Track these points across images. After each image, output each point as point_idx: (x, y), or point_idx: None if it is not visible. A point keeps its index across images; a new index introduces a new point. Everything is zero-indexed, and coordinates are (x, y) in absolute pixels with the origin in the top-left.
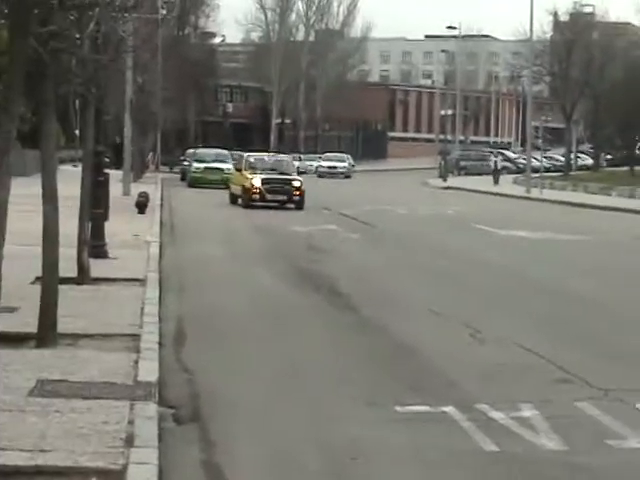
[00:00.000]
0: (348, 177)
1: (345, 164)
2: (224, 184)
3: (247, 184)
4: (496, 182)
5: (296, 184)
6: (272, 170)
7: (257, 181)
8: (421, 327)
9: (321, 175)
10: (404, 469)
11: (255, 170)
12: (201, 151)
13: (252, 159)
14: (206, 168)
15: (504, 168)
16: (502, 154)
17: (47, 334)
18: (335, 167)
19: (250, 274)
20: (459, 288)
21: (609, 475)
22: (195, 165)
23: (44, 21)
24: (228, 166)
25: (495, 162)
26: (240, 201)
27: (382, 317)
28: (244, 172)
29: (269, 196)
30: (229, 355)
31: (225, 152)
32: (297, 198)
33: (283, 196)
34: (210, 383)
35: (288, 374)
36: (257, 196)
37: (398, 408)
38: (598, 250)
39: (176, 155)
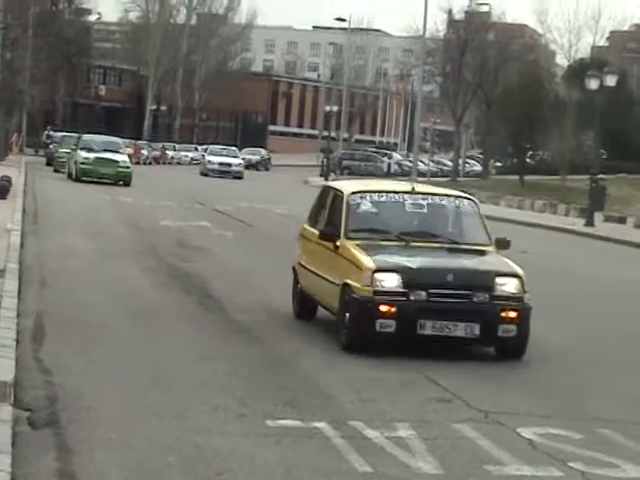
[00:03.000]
0: (240, 178)
1: (239, 160)
2: (118, 179)
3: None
4: (326, 178)
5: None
6: (104, 150)
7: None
8: (297, 335)
9: (206, 173)
10: None
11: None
12: (88, 137)
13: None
14: (97, 159)
15: (405, 174)
16: (387, 155)
17: None
18: (229, 164)
19: (117, 270)
20: None
21: None
22: (83, 155)
23: None
24: (123, 158)
25: (388, 164)
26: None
27: (256, 323)
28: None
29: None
30: (91, 356)
31: (117, 140)
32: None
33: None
34: (69, 385)
35: (154, 380)
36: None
37: (269, 422)
38: None
39: (42, 138)
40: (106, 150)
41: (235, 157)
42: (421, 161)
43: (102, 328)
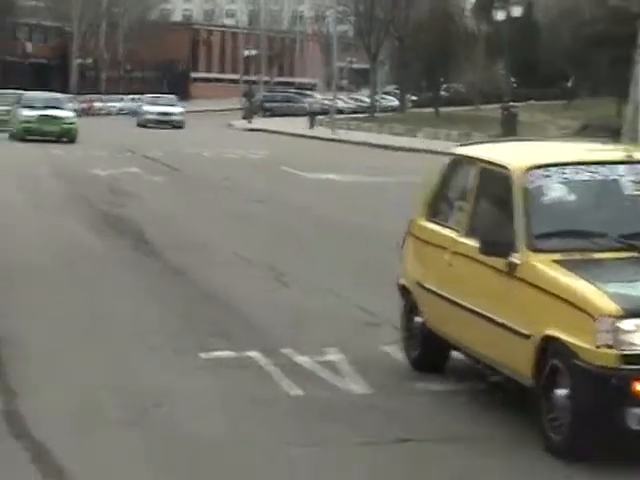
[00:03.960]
0: (180, 127)
1: (180, 109)
2: (63, 136)
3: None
4: (311, 125)
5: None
6: (47, 107)
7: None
8: (227, 273)
9: (144, 124)
10: (210, 416)
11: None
12: (29, 95)
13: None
14: (41, 116)
15: (325, 112)
16: (306, 95)
17: None
18: (169, 114)
19: (53, 219)
20: (266, 233)
21: (413, 416)
22: (24, 113)
23: None
24: (68, 114)
25: (310, 103)
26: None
27: (188, 263)
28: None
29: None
30: (30, 301)
31: (59, 96)
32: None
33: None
34: (11, 331)
35: (90, 323)
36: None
37: (203, 355)
38: (404, 192)
39: None
40: (48, 107)
41: (174, 105)
42: (340, 99)
43: (40, 275)
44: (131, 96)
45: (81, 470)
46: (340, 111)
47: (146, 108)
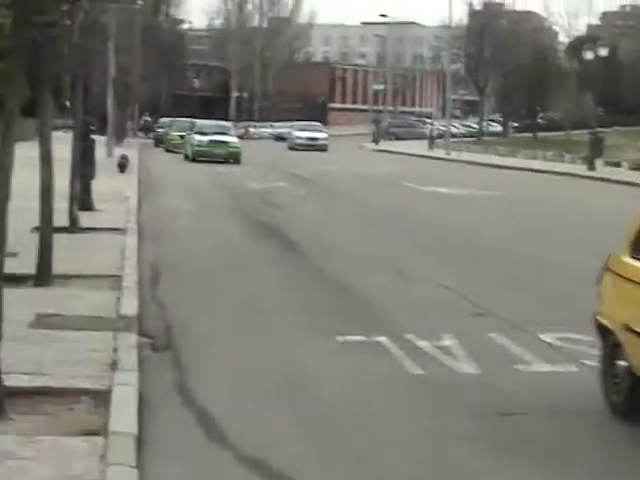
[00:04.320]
0: (324, 150)
1: (324, 135)
2: (230, 158)
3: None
4: (431, 147)
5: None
6: (216, 133)
7: (204, 141)
8: (359, 270)
9: (293, 147)
10: (345, 389)
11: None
12: (201, 122)
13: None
14: (210, 141)
15: (440, 136)
16: (426, 122)
17: (43, 275)
18: (316, 139)
19: (215, 225)
20: (390, 236)
21: (516, 394)
22: (198, 138)
23: (41, 12)
24: (233, 139)
25: (431, 129)
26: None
27: (327, 262)
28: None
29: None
30: (197, 293)
31: (227, 124)
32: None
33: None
34: (181, 317)
35: (247, 310)
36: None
37: (339, 338)
38: (507, 203)
39: (141, 123)
40: (217, 133)
41: (320, 131)
42: (453, 125)
43: (205, 271)
44: (279, 123)
45: (239, 432)
46: (453, 135)
47: (296, 134)
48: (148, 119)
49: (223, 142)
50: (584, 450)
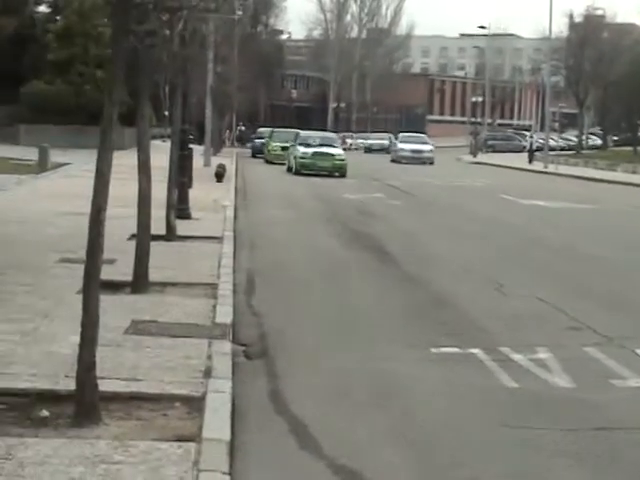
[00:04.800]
0: (431, 163)
1: (430, 147)
2: (335, 171)
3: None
4: (530, 160)
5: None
6: (321, 145)
7: (308, 153)
8: (454, 281)
9: (398, 160)
10: (438, 400)
11: (307, 145)
12: (305, 134)
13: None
14: (315, 153)
15: (539, 149)
16: (524, 135)
17: (140, 282)
18: (421, 151)
19: (310, 234)
20: (486, 248)
21: (612, 409)
22: (302, 150)
23: (140, 21)
24: (339, 151)
25: (531, 142)
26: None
27: (421, 272)
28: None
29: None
30: (292, 302)
31: (332, 135)
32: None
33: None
34: (276, 325)
35: (341, 319)
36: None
37: (433, 350)
38: (605, 217)
39: (248, 133)
40: (322, 145)
41: (425, 143)
42: (552, 138)
43: (300, 280)
44: (373, 134)
45: (332, 443)
46: (552, 149)
47: (400, 146)
48: (243, 129)
49: (328, 154)
50: None
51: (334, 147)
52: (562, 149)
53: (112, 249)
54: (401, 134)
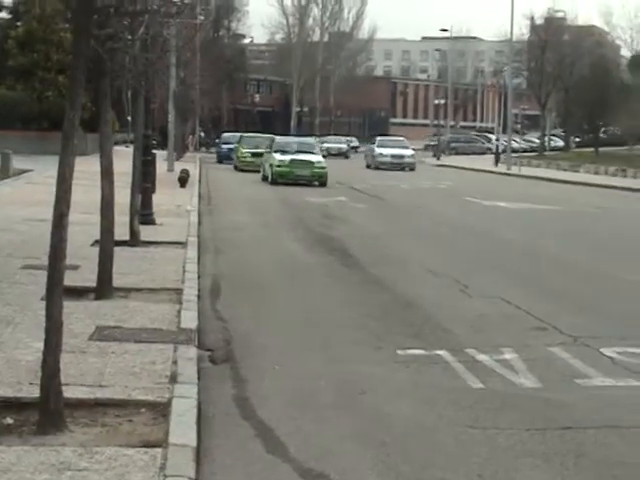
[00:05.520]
0: (412, 170)
1: (411, 151)
2: (314, 180)
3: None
4: (497, 163)
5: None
6: (298, 152)
7: (285, 161)
8: (419, 283)
9: (376, 166)
10: (405, 402)
11: (283, 152)
12: (282, 140)
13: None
14: (292, 161)
15: (504, 151)
16: (486, 137)
17: (104, 288)
18: (402, 156)
19: (274, 238)
20: (451, 250)
21: (578, 408)
22: (278, 158)
23: (102, 25)
24: (318, 158)
25: (497, 146)
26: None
27: (386, 275)
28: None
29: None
30: (257, 306)
31: (311, 140)
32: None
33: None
34: (241, 330)
35: (306, 323)
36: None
37: (399, 352)
38: (568, 218)
39: (212, 138)
40: (300, 151)
41: (406, 148)
42: (514, 140)
43: (265, 284)
44: (331, 137)
45: (298, 446)
46: (514, 150)
47: (379, 150)
48: (202, 135)
49: (307, 162)
50: None
51: (313, 154)
52: (525, 151)
53: (75, 255)
54: (378, 138)
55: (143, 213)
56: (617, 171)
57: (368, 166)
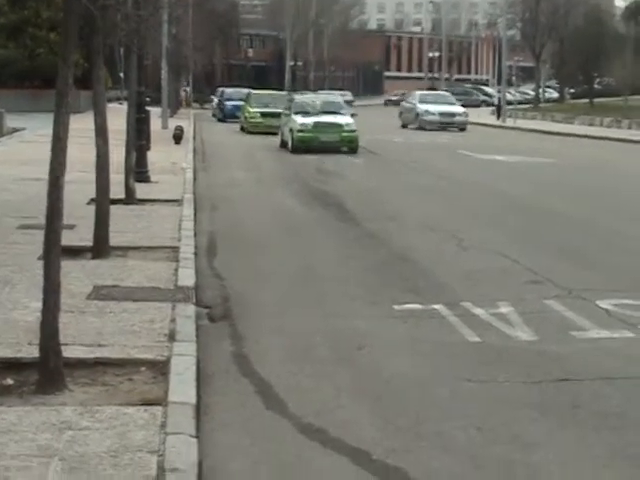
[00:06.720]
0: (464, 130)
1: (463, 109)
2: (344, 146)
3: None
4: (499, 116)
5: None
6: (323, 113)
7: (308, 124)
8: (415, 238)
9: (421, 126)
10: (402, 357)
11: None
12: (303, 99)
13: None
14: (317, 124)
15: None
16: (481, 89)
17: (101, 247)
18: (452, 114)
19: (270, 194)
20: (448, 204)
21: (573, 360)
22: (300, 121)
23: None
24: (347, 120)
25: (499, 98)
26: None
27: (382, 230)
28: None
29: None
30: (254, 263)
31: (337, 98)
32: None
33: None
34: (238, 287)
35: (303, 279)
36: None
37: (396, 306)
38: (564, 171)
39: (206, 93)
40: (325, 112)
41: (453, 104)
42: (509, 92)
43: (262, 240)
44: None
45: (297, 402)
46: (509, 102)
47: (424, 107)
48: (187, 90)
49: (334, 125)
50: None
51: (340, 114)
52: (520, 103)
53: (71, 214)
54: (418, 92)
55: (138, 171)
56: (612, 122)
57: (404, 126)
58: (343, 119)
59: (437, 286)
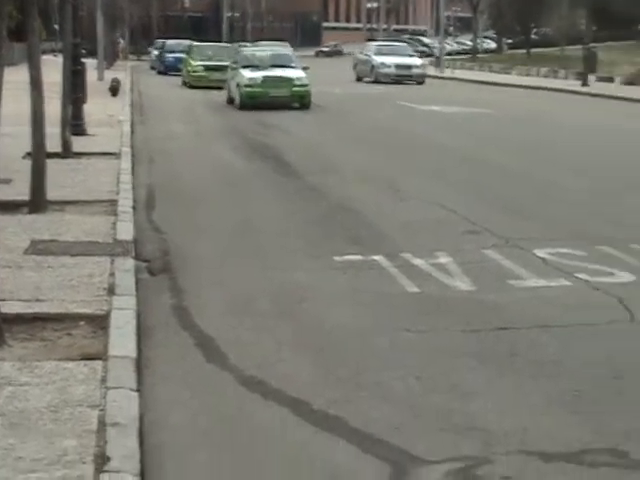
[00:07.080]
0: (422, 83)
1: (421, 60)
2: (295, 102)
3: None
4: (437, 66)
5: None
6: (273, 66)
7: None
8: (355, 190)
9: (377, 79)
10: (342, 308)
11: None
12: (250, 51)
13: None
14: (266, 79)
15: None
16: (420, 40)
17: (38, 201)
18: (409, 66)
19: (209, 147)
20: (386, 156)
21: (511, 309)
22: (247, 75)
23: None
24: (298, 73)
25: (440, 49)
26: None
27: (322, 182)
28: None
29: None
30: (192, 216)
31: (287, 50)
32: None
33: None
34: (177, 241)
35: (243, 232)
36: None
37: (336, 258)
38: (501, 122)
39: (143, 45)
40: (274, 65)
41: (411, 56)
42: (447, 43)
43: (201, 194)
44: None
45: (238, 354)
46: (447, 53)
47: (380, 60)
48: (121, 41)
49: (284, 79)
50: (577, 362)
51: (291, 68)
52: (458, 53)
53: (7, 168)
54: (373, 43)
55: (74, 124)
56: (549, 72)
57: (359, 79)
58: (294, 73)
59: (377, 237)
